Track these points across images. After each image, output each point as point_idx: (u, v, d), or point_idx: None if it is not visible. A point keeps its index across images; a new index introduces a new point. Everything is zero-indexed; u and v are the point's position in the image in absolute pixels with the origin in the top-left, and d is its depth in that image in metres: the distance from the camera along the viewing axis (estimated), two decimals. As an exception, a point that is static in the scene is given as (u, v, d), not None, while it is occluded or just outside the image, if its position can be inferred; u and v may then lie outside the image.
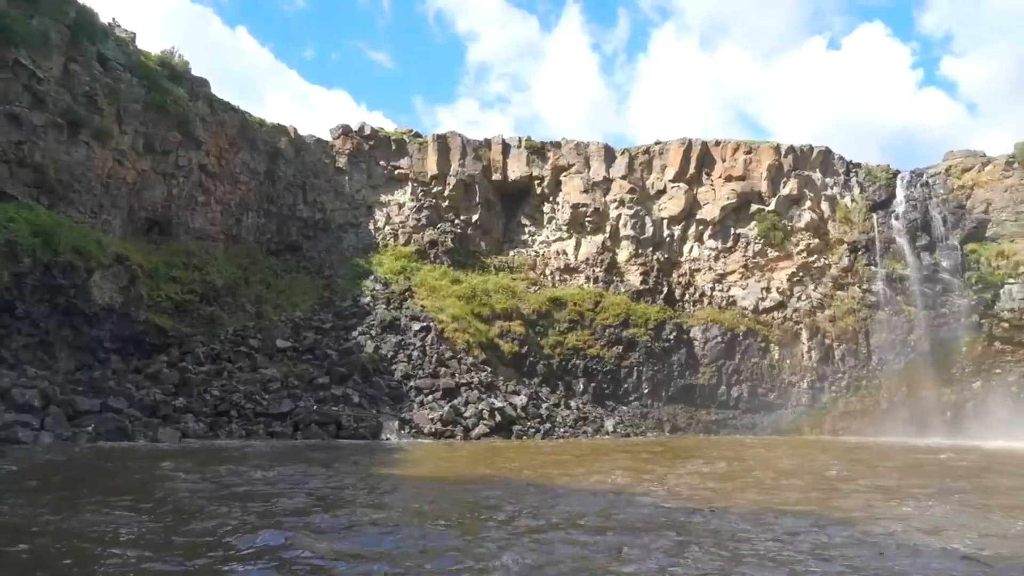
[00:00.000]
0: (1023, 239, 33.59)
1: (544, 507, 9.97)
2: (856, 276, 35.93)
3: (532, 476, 14.05)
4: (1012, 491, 13.43)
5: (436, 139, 38.18)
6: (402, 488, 11.83)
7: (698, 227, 37.89)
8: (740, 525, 8.99)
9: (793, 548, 7.69)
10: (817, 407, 34.32)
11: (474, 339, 30.67)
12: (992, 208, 34.73)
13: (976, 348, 33.53)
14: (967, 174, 35.66)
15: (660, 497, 11.42)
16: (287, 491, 10.42)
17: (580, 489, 12.25)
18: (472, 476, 14.03)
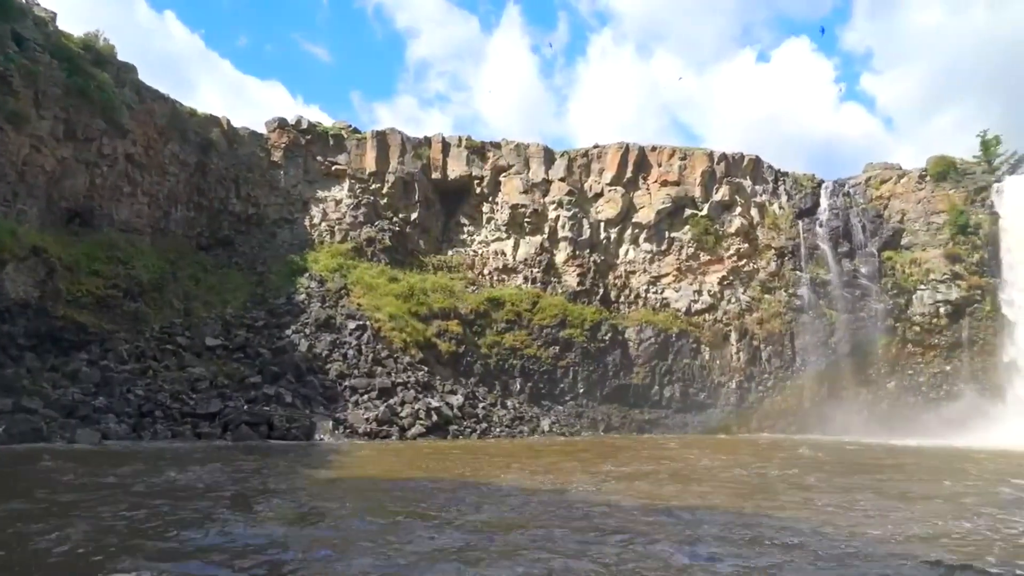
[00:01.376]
0: (933, 248, 35.62)
1: (457, 506, 10.00)
2: (783, 280, 37.38)
3: (462, 475, 14.10)
4: (881, 482, 14.29)
5: (375, 135, 37.71)
6: (324, 489, 11.59)
7: (634, 230, 38.66)
8: (657, 518, 9.28)
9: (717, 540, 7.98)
10: (744, 406, 35.54)
11: (411, 338, 30.46)
12: (906, 218, 36.70)
13: (891, 350, 35.37)
14: (884, 185, 37.59)
15: (585, 494, 11.64)
16: (184, 497, 10.02)
17: (501, 487, 12.37)
18: (402, 476, 13.93)
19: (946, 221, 35.40)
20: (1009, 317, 33.13)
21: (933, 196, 36.33)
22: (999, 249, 34.05)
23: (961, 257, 34.82)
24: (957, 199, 35.64)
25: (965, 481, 14.71)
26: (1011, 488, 13.53)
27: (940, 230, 35.57)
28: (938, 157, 37.36)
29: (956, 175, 36.54)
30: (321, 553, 7.08)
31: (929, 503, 11.52)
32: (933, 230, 35.83)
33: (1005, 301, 33.43)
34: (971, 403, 32.32)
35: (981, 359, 33.65)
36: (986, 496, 12.45)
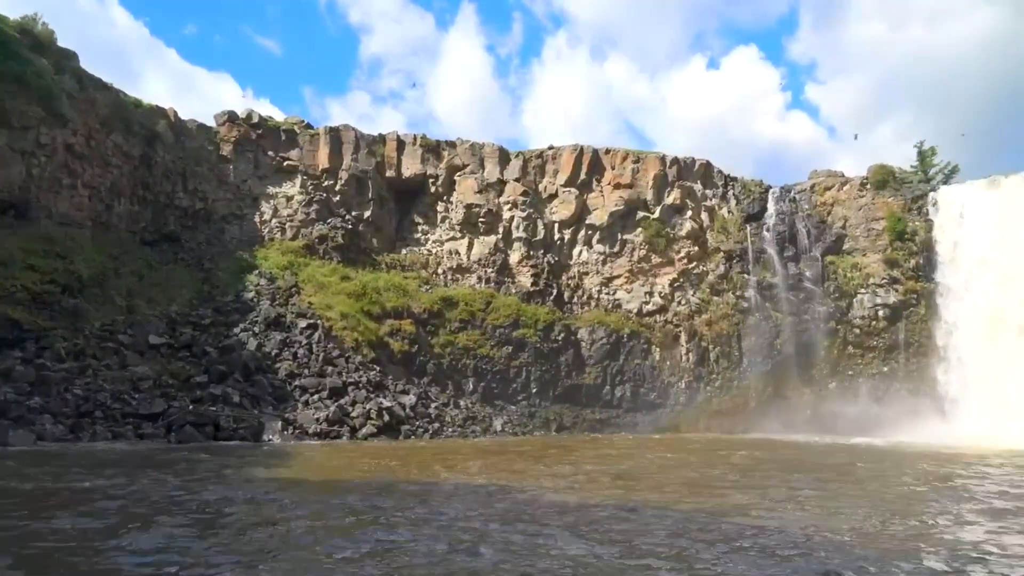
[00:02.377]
0: (873, 253, 36.94)
1: (404, 508, 9.92)
2: (731, 283, 38.26)
3: (408, 476, 14.05)
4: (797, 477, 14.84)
5: (328, 132, 37.18)
6: (263, 492, 11.32)
7: (587, 232, 39.03)
8: (600, 514, 9.43)
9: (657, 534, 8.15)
10: (693, 406, 36.27)
11: (363, 338, 30.14)
12: (848, 224, 37.98)
13: (833, 352, 36.56)
14: (828, 192, 38.83)
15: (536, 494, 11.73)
16: (84, 501, 9.63)
17: (444, 487, 12.38)
18: (342, 478, 13.76)
19: (885, 227, 36.74)
20: (942, 320, 34.58)
21: (873, 203, 37.68)
22: (933, 255, 35.53)
23: (899, 262, 36.21)
24: (895, 207, 37.04)
25: (899, 476, 15.35)
26: (934, 485, 14.16)
27: (879, 236, 36.90)
28: (878, 166, 38.78)
29: (895, 184, 37.99)
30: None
31: (860, 498, 11.98)
32: (873, 236, 37.14)
33: (939, 305, 34.89)
34: (906, 403, 33.63)
35: (916, 360, 35.04)
36: (907, 491, 13.01)
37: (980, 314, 32.62)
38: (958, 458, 20.03)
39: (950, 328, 33.95)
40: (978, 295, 32.96)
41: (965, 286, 33.71)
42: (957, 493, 12.81)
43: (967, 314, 33.27)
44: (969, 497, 12.16)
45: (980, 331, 32.42)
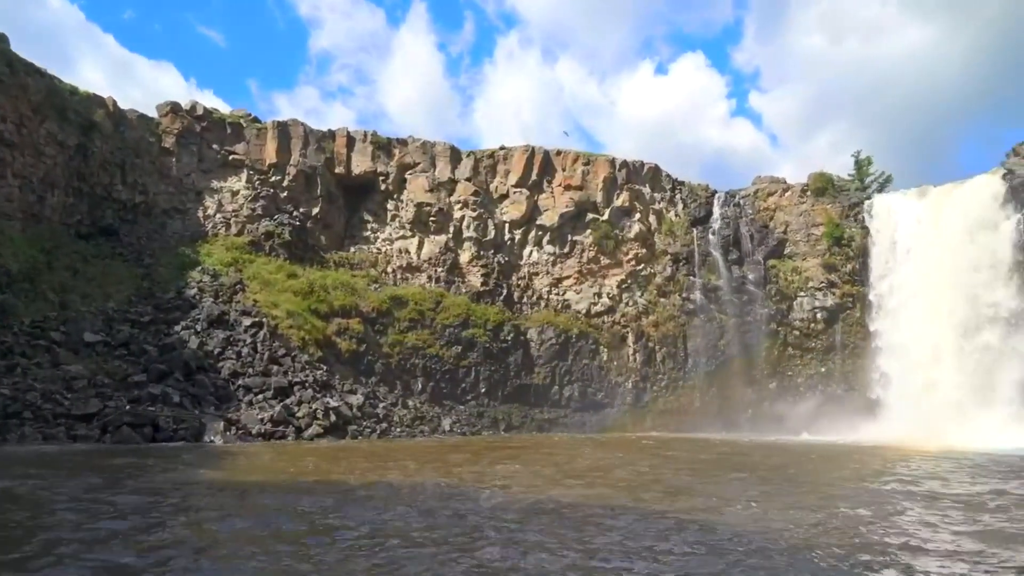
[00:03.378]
0: (813, 258, 38.21)
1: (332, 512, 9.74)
2: (677, 285, 39.03)
3: (343, 478, 13.92)
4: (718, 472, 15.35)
5: (276, 126, 36.44)
6: (181, 494, 11.03)
7: (538, 232, 39.27)
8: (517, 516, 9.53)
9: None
10: (639, 406, 36.86)
11: (310, 336, 29.66)
12: (789, 229, 39.19)
13: (773, 353, 37.67)
14: (771, 198, 39.99)
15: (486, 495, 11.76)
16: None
17: (383, 488, 12.31)
18: (279, 480, 13.49)
19: (824, 233, 38.04)
20: (876, 323, 35.97)
21: (813, 209, 38.96)
22: (868, 260, 36.94)
23: (836, 267, 37.53)
24: (834, 213, 38.38)
25: (828, 474, 15.94)
26: (862, 484, 14.76)
27: (818, 241, 38.18)
28: (818, 174, 40.12)
29: (833, 191, 39.37)
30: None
31: (795, 494, 12.39)
32: (812, 241, 38.41)
33: (873, 308, 36.28)
34: (842, 402, 34.89)
35: (851, 361, 36.38)
36: (838, 487, 13.53)
37: (911, 317, 34.02)
38: (887, 456, 20.91)
39: (884, 330, 35.32)
40: (909, 299, 34.37)
41: (897, 290, 35.13)
42: (880, 492, 13.37)
43: (899, 317, 34.67)
44: (891, 494, 12.71)
45: (911, 333, 33.80)
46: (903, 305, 34.55)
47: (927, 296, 33.52)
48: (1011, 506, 10.98)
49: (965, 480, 14.65)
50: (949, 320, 32.40)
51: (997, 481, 14.37)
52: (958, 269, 32.45)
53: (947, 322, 32.45)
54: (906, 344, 33.78)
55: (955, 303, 32.32)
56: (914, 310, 33.93)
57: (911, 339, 33.63)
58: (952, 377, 31.60)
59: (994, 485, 13.63)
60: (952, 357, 31.85)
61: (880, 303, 35.73)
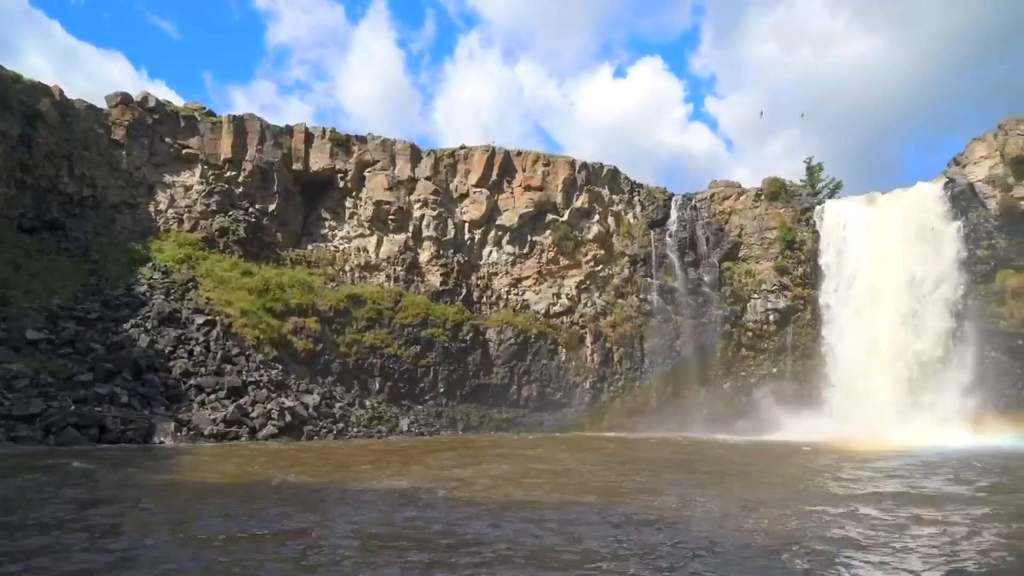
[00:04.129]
0: (766, 261, 39.11)
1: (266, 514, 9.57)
2: (635, 286, 39.52)
3: (288, 477, 13.78)
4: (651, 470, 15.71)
5: (232, 120, 35.71)
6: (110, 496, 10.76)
7: (497, 232, 39.31)
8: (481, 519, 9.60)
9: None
10: (597, 406, 37.20)
11: (265, 335, 29.17)
12: (744, 232, 40.02)
13: (727, 354, 38.42)
14: (726, 201, 40.78)
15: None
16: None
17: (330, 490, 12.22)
18: (222, 482, 13.28)
19: (776, 237, 38.96)
20: (826, 325, 36.98)
21: (766, 213, 39.87)
22: (819, 264, 37.96)
23: (788, 270, 38.47)
24: (786, 217, 39.34)
25: (775, 472, 16.38)
26: (808, 482, 15.20)
27: (772, 244, 39.08)
28: (771, 179, 41.07)
29: (786, 196, 40.35)
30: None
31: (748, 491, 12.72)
32: (766, 244, 39.30)
33: (822, 310, 37.30)
34: (793, 402, 35.74)
35: (802, 362, 37.33)
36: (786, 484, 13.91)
37: (858, 320, 35.12)
38: (830, 455, 21.55)
39: (832, 332, 36.35)
40: (856, 302, 35.47)
41: (845, 294, 36.20)
42: (829, 489, 13.80)
43: (847, 319, 35.73)
44: (841, 491, 13.13)
45: (858, 335, 34.90)
46: (851, 308, 35.63)
47: (874, 300, 34.65)
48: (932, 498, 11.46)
49: (896, 477, 15.21)
50: (894, 323, 33.56)
51: (925, 477, 14.97)
52: (902, 274, 33.65)
53: (892, 325, 33.61)
54: (853, 346, 34.86)
55: (900, 307, 33.52)
56: (861, 313, 35.02)
57: (858, 341, 34.72)
58: (895, 379, 32.77)
59: (920, 481, 14.21)
60: (897, 359, 33.01)
61: (829, 306, 36.75)
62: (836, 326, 36.07)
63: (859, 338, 34.67)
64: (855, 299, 35.50)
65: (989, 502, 11.45)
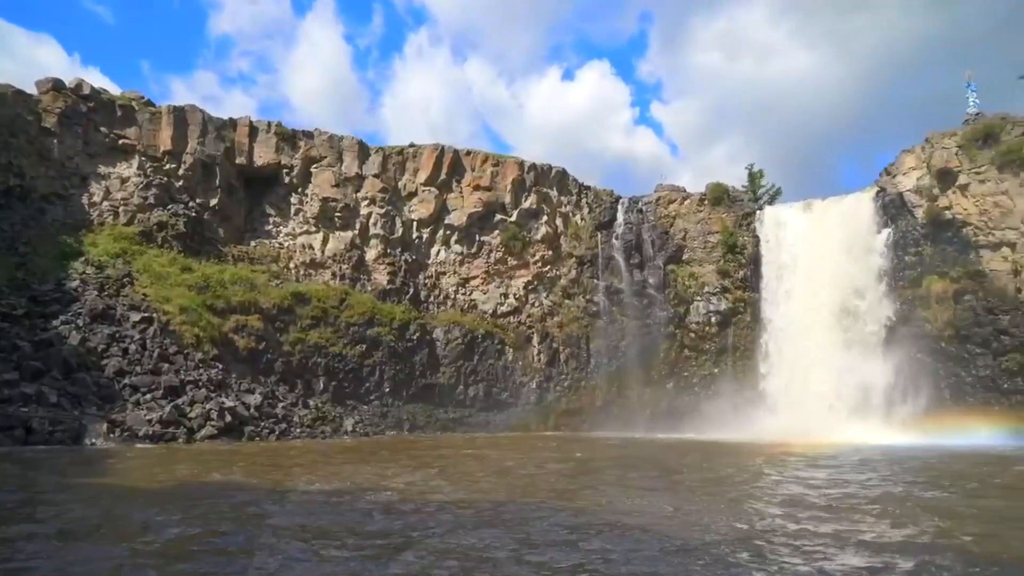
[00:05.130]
0: (709, 264, 40.11)
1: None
2: (581, 287, 39.98)
3: (215, 478, 13.51)
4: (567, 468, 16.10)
5: (172, 111, 34.57)
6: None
7: (446, 231, 39.18)
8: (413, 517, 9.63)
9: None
10: (543, 405, 37.48)
11: (205, 333, 28.37)
12: (688, 236, 40.94)
13: (671, 354, 39.24)
14: (671, 205, 41.64)
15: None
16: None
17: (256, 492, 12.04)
18: (140, 486, 12.85)
19: (719, 240, 39.99)
20: (765, 327, 38.17)
21: (710, 218, 40.88)
22: (759, 268, 39.14)
23: (730, 273, 39.53)
24: (728, 222, 40.42)
25: (712, 470, 16.84)
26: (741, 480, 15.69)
27: (714, 248, 40.10)
28: (715, 184, 42.12)
29: (728, 201, 41.47)
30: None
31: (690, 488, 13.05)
32: (709, 248, 40.29)
33: (761, 312, 38.48)
34: (733, 401, 36.76)
35: (742, 362, 38.41)
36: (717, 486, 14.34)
37: (795, 322, 36.35)
38: (768, 453, 22.28)
39: (770, 334, 37.53)
40: (794, 304, 36.71)
41: (783, 296, 37.42)
42: (763, 486, 14.28)
43: (784, 321, 36.94)
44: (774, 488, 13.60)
45: (794, 337, 36.13)
46: (788, 310, 36.85)
47: (810, 303, 35.91)
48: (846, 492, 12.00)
49: (821, 472, 15.85)
50: (828, 325, 34.87)
51: (854, 472, 15.64)
52: (837, 277, 35.00)
53: (827, 327, 34.91)
54: (790, 347, 36.07)
55: (834, 309, 34.85)
56: (798, 315, 36.25)
57: (795, 342, 35.95)
58: (829, 380, 34.07)
59: (845, 475, 14.84)
60: (831, 360, 34.30)
61: (768, 308, 37.93)
62: (774, 328, 37.25)
63: (795, 340, 35.89)
64: (792, 302, 36.72)
65: (911, 497, 12.04)
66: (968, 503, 11.38)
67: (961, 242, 32.30)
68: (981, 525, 9.29)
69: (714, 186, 41.79)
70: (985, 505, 11.19)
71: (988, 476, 15.43)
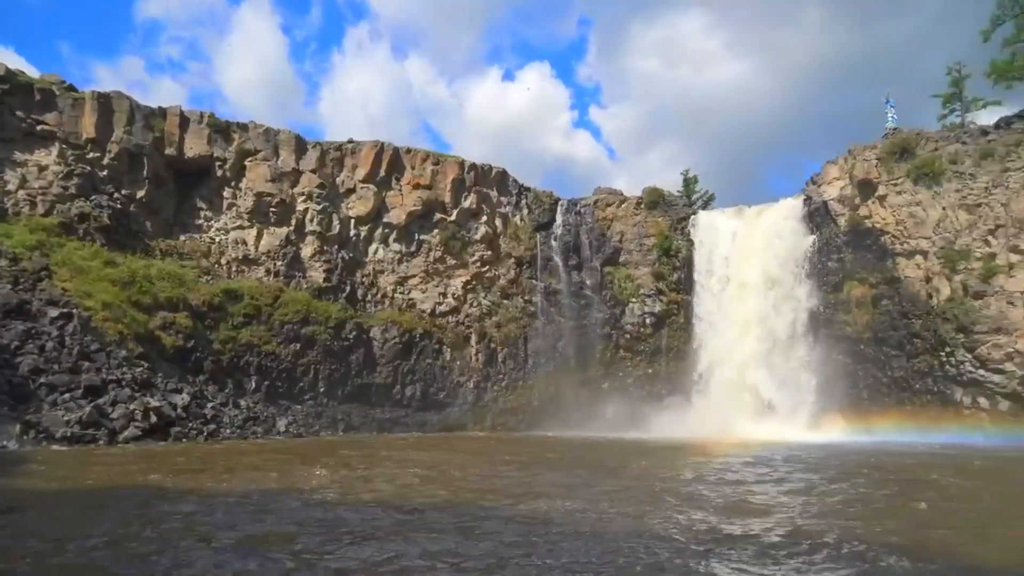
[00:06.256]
0: (644, 266, 40.99)
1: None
2: (520, 288, 40.24)
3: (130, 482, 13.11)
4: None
5: (97, 97, 33.01)
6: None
7: (384, 230, 38.76)
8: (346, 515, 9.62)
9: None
10: (480, 405, 37.55)
11: (130, 330, 27.21)
12: (624, 238, 41.74)
13: (607, 355, 39.93)
14: (609, 208, 42.36)
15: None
16: None
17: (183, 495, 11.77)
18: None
19: (654, 244, 40.92)
20: (696, 329, 39.28)
21: (646, 221, 41.78)
22: (692, 271, 40.24)
23: (664, 275, 40.52)
24: (664, 225, 41.41)
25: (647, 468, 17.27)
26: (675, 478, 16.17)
27: (650, 251, 41.01)
28: (651, 188, 43.10)
29: (664, 205, 42.49)
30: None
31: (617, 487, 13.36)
32: (644, 251, 41.18)
33: (694, 314, 39.59)
34: (666, 401, 37.71)
35: (675, 364, 39.43)
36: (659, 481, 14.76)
37: (725, 324, 37.55)
38: (697, 450, 22.98)
39: (702, 336, 38.65)
40: (725, 308, 37.91)
41: (715, 299, 38.59)
42: (690, 484, 14.75)
43: (715, 324, 38.12)
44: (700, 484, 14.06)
45: (724, 339, 37.33)
46: (720, 313, 38.04)
47: (739, 306, 37.17)
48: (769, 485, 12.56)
49: (747, 469, 16.49)
50: (757, 328, 36.17)
51: (779, 470, 16.33)
52: (765, 281, 36.35)
53: (755, 329, 36.21)
54: (720, 349, 37.24)
55: (763, 312, 36.16)
56: (729, 318, 37.47)
57: (725, 345, 37.14)
58: (756, 380, 35.35)
59: (766, 471, 15.49)
60: (759, 362, 35.59)
61: (700, 311, 39.05)
62: (706, 330, 38.38)
63: (725, 342, 37.08)
64: (724, 304, 37.91)
65: (831, 491, 12.66)
66: (860, 494, 12.22)
67: (879, 250, 34.00)
68: (869, 513, 9.89)
69: (651, 190, 42.74)
70: (866, 495, 12.09)
71: (885, 469, 16.43)
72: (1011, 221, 30.14)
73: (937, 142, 33.45)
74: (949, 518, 9.94)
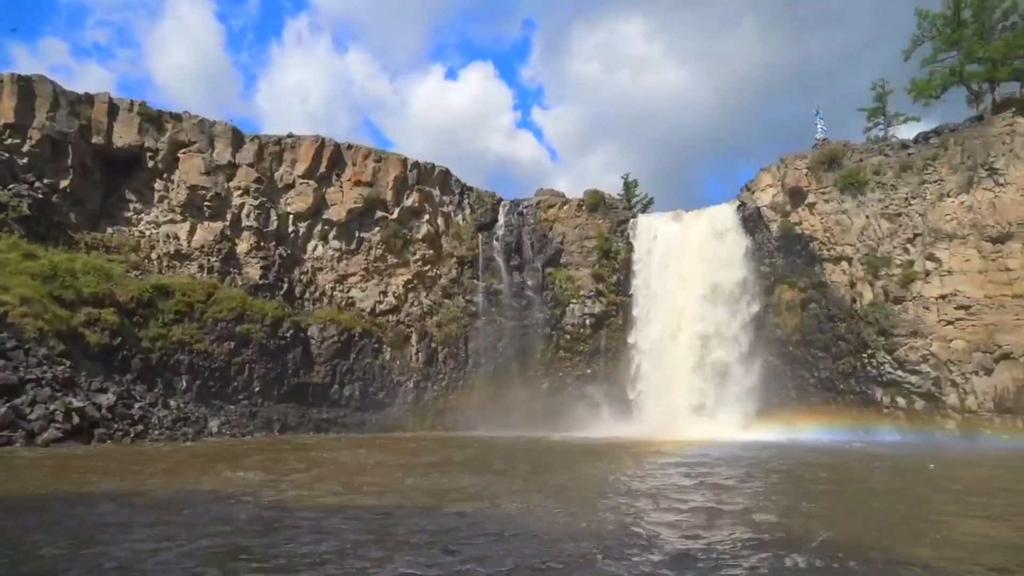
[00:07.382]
0: (585, 268, 41.47)
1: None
2: (462, 287, 40.17)
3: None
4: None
5: (17, 80, 31.37)
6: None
7: (324, 226, 38.10)
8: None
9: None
10: (420, 405, 37.33)
11: (50, 327, 25.92)
12: (566, 240, 42.15)
13: (547, 355, 40.26)
14: (551, 209, 42.70)
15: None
16: None
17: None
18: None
19: (595, 246, 41.45)
20: (633, 329, 39.97)
21: (587, 223, 42.29)
22: (631, 273, 40.94)
23: (604, 277, 41.09)
24: (604, 228, 41.99)
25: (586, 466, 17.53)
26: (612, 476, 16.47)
27: (590, 253, 41.51)
28: (592, 191, 43.63)
29: (605, 208, 43.08)
30: None
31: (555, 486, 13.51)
32: (585, 252, 41.68)
33: (632, 316, 40.28)
34: (604, 401, 38.22)
35: (613, 364, 40.04)
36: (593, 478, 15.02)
37: (662, 326, 38.35)
38: (634, 450, 23.44)
39: (639, 337, 39.36)
40: (661, 309, 38.71)
41: (652, 301, 39.36)
42: (628, 480, 15.06)
43: (652, 325, 38.88)
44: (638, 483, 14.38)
45: (661, 341, 38.11)
46: (656, 315, 38.81)
47: (676, 308, 38.01)
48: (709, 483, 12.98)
49: (670, 467, 16.97)
50: (693, 329, 37.06)
51: (705, 468, 16.84)
52: (701, 284, 37.26)
53: (691, 331, 37.10)
54: (657, 350, 38.01)
55: (698, 314, 37.07)
56: (665, 320, 38.27)
57: (661, 346, 37.93)
58: (692, 381, 36.24)
59: (693, 469, 15.98)
60: (694, 363, 36.49)
61: (638, 312, 39.77)
62: (643, 331, 39.10)
63: (663, 343, 37.86)
64: (661, 306, 38.70)
65: (765, 485, 13.14)
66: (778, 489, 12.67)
67: (808, 255, 35.35)
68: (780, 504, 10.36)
69: (592, 193, 43.27)
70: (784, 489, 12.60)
71: (804, 466, 17.13)
72: (927, 231, 31.81)
73: (862, 153, 35.01)
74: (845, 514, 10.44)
